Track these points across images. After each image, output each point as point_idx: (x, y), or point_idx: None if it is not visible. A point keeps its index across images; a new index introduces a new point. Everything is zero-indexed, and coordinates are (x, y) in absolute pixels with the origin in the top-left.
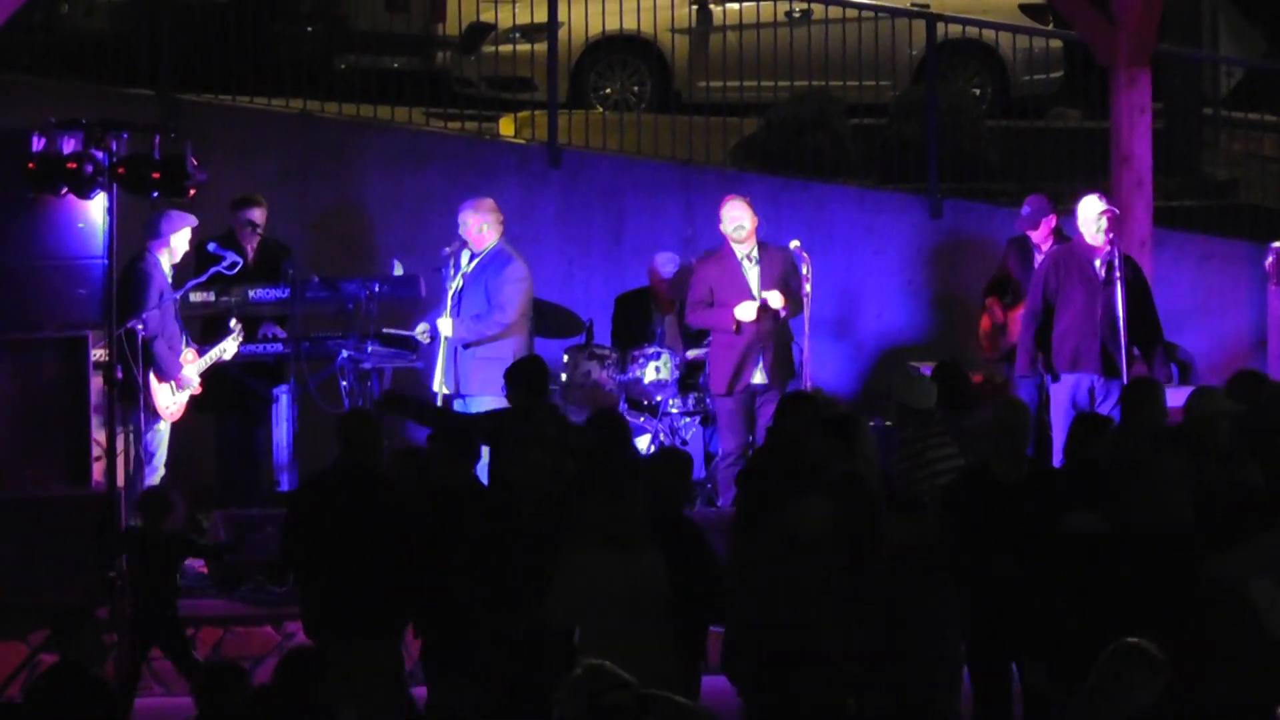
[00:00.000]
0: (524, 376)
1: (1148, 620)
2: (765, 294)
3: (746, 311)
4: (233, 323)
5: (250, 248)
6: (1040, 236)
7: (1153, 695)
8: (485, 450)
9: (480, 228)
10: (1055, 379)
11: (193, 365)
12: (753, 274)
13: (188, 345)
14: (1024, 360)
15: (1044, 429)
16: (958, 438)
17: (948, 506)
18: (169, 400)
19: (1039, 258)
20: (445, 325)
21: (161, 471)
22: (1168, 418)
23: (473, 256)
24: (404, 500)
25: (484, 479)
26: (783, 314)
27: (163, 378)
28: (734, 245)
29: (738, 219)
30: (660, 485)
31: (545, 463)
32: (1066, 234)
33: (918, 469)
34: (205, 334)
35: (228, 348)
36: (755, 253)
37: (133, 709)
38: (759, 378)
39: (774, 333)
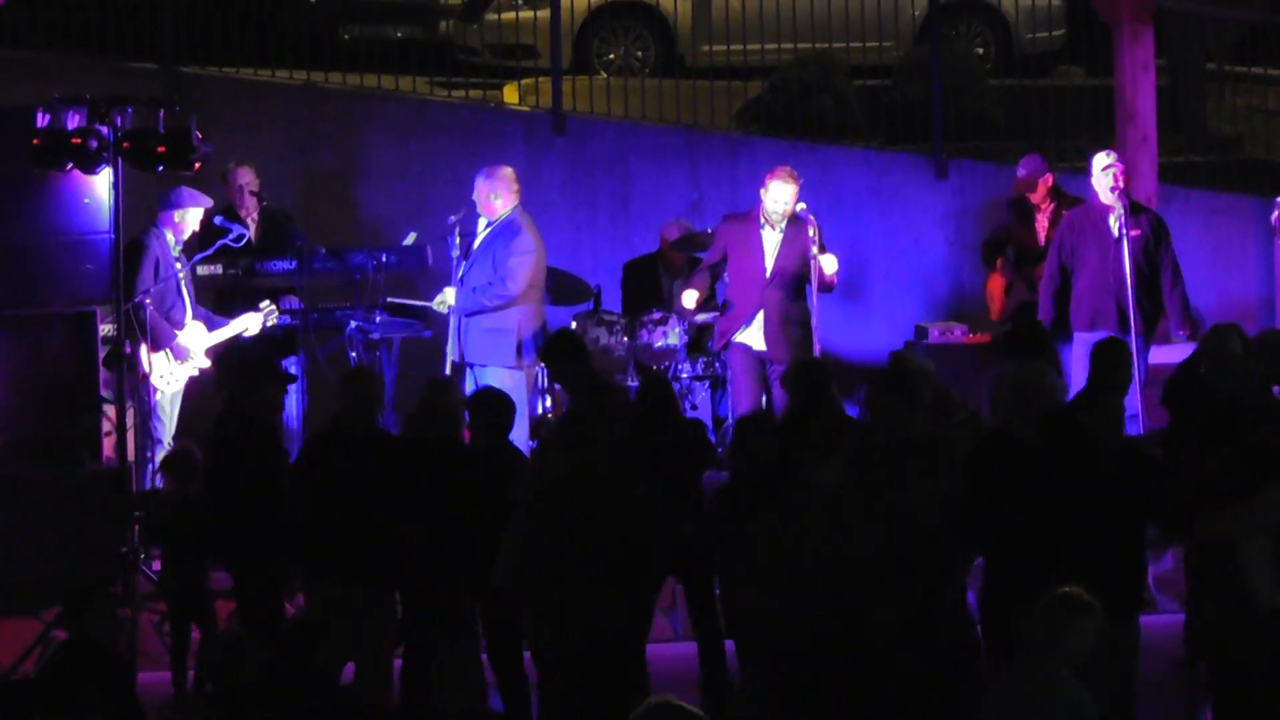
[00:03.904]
0: (564, 347)
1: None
2: (823, 257)
3: (687, 299)
4: (264, 303)
5: (252, 219)
6: (1039, 197)
7: (1084, 638)
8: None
9: (490, 196)
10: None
11: (196, 337)
12: (771, 241)
13: (195, 318)
14: (1045, 323)
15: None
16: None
17: (969, 468)
18: (165, 369)
19: (1039, 218)
20: (449, 294)
21: (165, 446)
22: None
23: (487, 224)
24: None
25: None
26: (828, 279)
27: (154, 346)
28: (765, 214)
29: (781, 199)
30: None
31: None
32: (1065, 192)
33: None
34: (218, 308)
35: (250, 324)
36: (784, 224)
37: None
38: (755, 343)
39: (780, 304)
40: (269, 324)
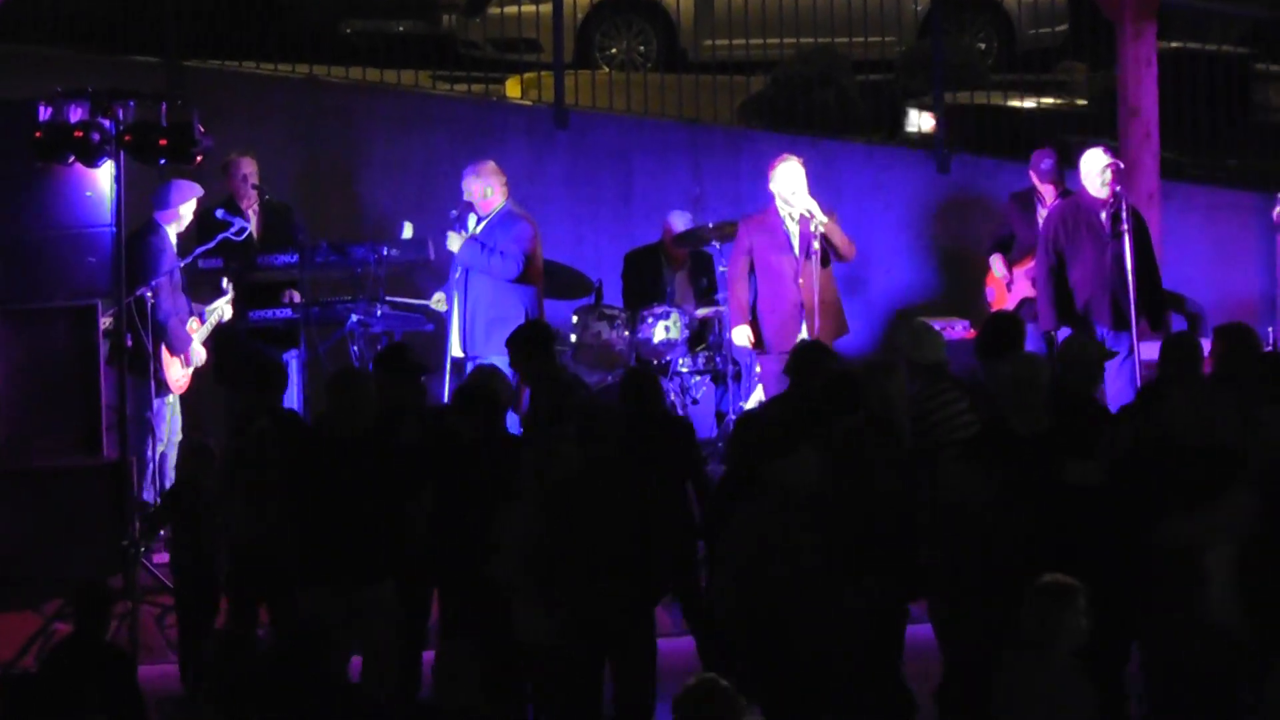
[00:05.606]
0: (530, 338)
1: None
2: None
3: (740, 336)
4: (224, 283)
5: (253, 211)
6: (1054, 192)
7: (1079, 620)
8: None
9: (485, 192)
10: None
11: (198, 334)
12: (796, 234)
13: (193, 315)
14: (1048, 316)
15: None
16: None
17: (968, 460)
18: (179, 374)
19: (1041, 211)
20: (454, 241)
21: (172, 445)
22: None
23: (480, 219)
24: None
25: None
26: (842, 246)
27: (174, 352)
28: (780, 206)
29: (795, 182)
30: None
31: None
32: (1069, 187)
33: (929, 424)
34: (213, 299)
35: (223, 309)
36: (797, 214)
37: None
38: (804, 335)
39: (823, 292)
40: (230, 307)
